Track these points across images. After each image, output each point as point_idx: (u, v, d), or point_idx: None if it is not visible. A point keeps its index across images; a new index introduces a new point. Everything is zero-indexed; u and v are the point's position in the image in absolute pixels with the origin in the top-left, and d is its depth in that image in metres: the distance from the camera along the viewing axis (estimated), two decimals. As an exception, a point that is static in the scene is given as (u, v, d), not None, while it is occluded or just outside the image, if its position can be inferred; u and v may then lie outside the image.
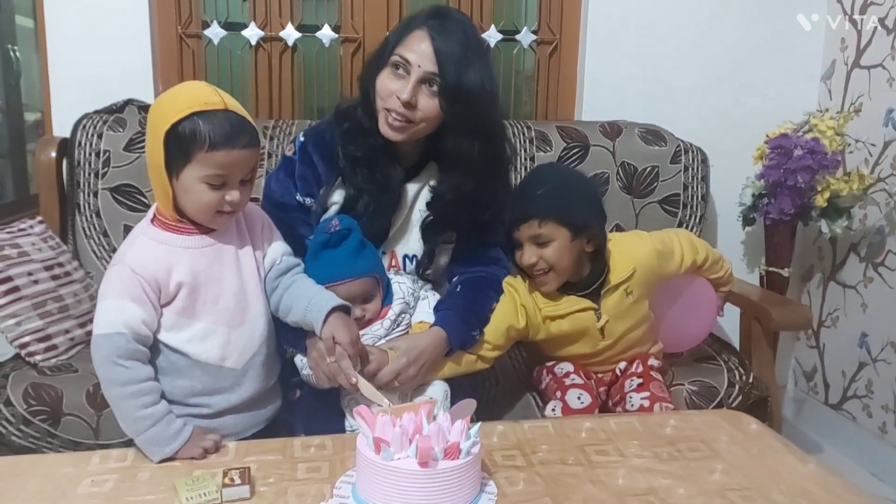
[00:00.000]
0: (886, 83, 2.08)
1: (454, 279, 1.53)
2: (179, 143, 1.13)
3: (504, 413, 1.57)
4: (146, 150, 1.20)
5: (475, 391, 1.52)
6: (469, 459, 0.99)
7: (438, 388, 1.40)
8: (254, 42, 2.21)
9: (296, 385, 1.42)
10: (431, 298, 1.47)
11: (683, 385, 1.62)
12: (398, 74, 1.36)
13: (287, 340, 1.36)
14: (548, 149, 2.04)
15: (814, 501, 1.05)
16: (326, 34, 2.24)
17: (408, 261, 1.52)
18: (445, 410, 1.07)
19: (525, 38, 2.33)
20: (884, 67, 2.09)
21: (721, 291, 1.69)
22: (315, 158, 1.46)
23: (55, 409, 1.48)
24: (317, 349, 1.29)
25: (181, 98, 1.16)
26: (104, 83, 2.03)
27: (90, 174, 1.90)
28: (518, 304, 1.49)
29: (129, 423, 1.15)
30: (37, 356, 1.59)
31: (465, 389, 1.43)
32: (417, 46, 1.34)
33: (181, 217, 1.21)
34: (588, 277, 1.52)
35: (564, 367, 1.55)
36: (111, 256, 1.26)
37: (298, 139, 1.50)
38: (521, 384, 1.66)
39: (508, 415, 1.57)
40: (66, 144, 1.92)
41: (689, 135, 2.12)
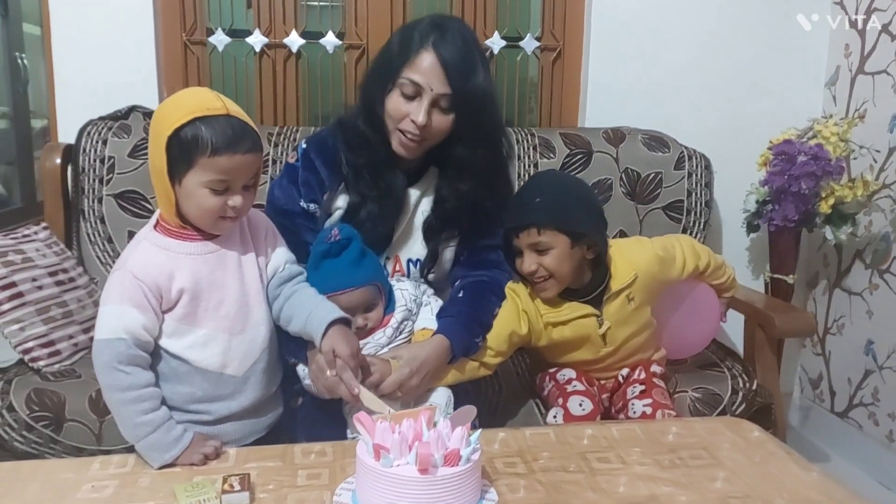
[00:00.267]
0: (891, 89, 2.08)
1: (456, 283, 1.53)
2: (182, 149, 1.14)
3: (507, 420, 1.57)
4: (149, 156, 1.20)
5: (478, 398, 1.52)
6: (469, 466, 0.98)
7: (441, 395, 1.39)
8: (258, 49, 2.22)
9: (298, 393, 1.42)
10: (434, 304, 1.47)
11: (687, 392, 1.62)
12: (409, 96, 1.36)
13: (289, 350, 1.35)
14: (551, 155, 2.04)
15: (816, 510, 1.04)
16: (330, 41, 2.25)
17: (411, 265, 1.52)
18: (448, 416, 1.06)
19: (528, 45, 2.33)
20: (888, 73, 2.09)
21: (724, 297, 1.68)
22: (318, 164, 1.47)
23: (58, 415, 1.48)
24: (316, 362, 1.28)
25: (183, 104, 1.16)
26: (110, 90, 2.05)
27: (95, 180, 1.91)
28: (520, 310, 1.49)
29: (130, 429, 1.16)
30: (40, 362, 1.59)
31: (469, 396, 1.42)
32: (426, 68, 1.34)
33: (184, 223, 1.21)
34: (590, 284, 1.51)
35: (567, 374, 1.55)
36: (115, 262, 1.26)
37: (301, 146, 1.50)
38: (525, 391, 1.66)
39: (511, 422, 1.57)
40: (71, 151, 1.93)
41: (693, 141, 2.12)
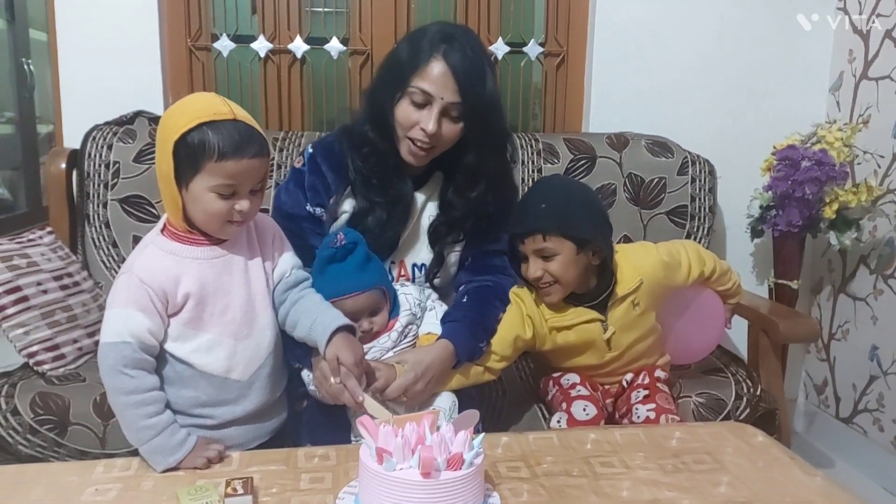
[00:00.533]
0: (895, 94, 2.07)
1: (461, 288, 1.53)
2: (189, 154, 1.14)
3: (511, 424, 1.57)
4: (156, 161, 1.20)
5: (483, 402, 1.52)
6: (472, 470, 0.98)
7: (446, 399, 1.39)
8: (263, 54, 2.23)
9: (302, 396, 1.42)
10: (439, 309, 1.47)
11: (691, 397, 1.61)
12: (419, 104, 1.37)
13: (294, 356, 1.36)
14: (555, 161, 2.04)
15: (820, 515, 1.04)
16: (335, 46, 2.26)
17: (417, 270, 1.52)
18: (452, 421, 1.06)
19: (532, 51, 2.34)
20: (892, 79, 2.09)
21: (729, 304, 1.68)
22: (324, 169, 1.48)
23: (62, 419, 1.48)
24: (320, 369, 1.28)
25: (190, 109, 1.16)
26: (115, 95, 2.06)
27: (100, 185, 1.92)
28: (524, 315, 1.49)
29: (134, 433, 1.16)
30: (45, 365, 1.60)
31: (473, 400, 1.42)
32: (436, 77, 1.35)
33: (191, 227, 1.22)
34: (595, 289, 1.51)
35: (571, 379, 1.55)
36: (120, 267, 1.27)
37: (307, 151, 1.51)
38: (529, 395, 1.66)
39: (515, 426, 1.57)
40: (77, 156, 1.94)
41: (697, 146, 2.12)
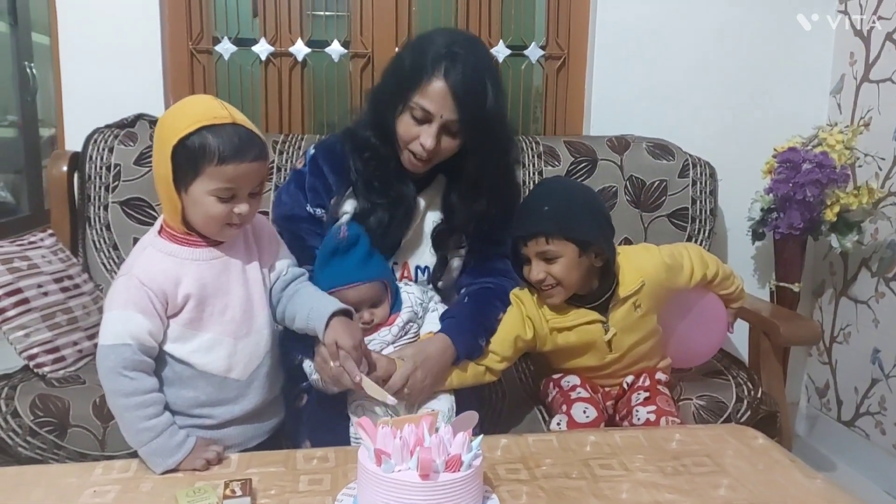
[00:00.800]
0: (896, 97, 2.08)
1: (462, 290, 1.54)
2: (188, 157, 1.14)
3: (510, 426, 1.57)
4: (153, 164, 1.21)
5: (482, 404, 1.52)
6: (470, 472, 0.98)
7: (444, 401, 1.39)
8: (264, 57, 2.24)
9: (302, 391, 1.43)
10: (440, 311, 1.48)
11: (691, 400, 1.61)
12: (419, 120, 1.38)
13: (297, 349, 1.37)
14: (556, 163, 2.04)
15: (821, 517, 1.04)
16: (336, 49, 2.26)
17: (419, 272, 1.53)
18: (450, 422, 1.06)
19: (533, 54, 2.34)
20: (893, 81, 2.08)
21: (732, 308, 1.67)
22: (326, 170, 1.48)
23: (62, 421, 1.48)
24: (320, 353, 1.30)
25: (189, 112, 1.17)
26: (116, 98, 2.06)
27: (101, 188, 1.92)
28: (524, 316, 1.49)
29: (133, 434, 1.16)
30: (45, 367, 1.60)
31: (473, 402, 1.42)
32: (436, 96, 1.35)
33: (189, 229, 1.22)
34: (597, 290, 1.51)
35: (571, 381, 1.55)
36: (120, 268, 1.27)
37: (309, 152, 1.52)
38: (529, 398, 1.66)
39: (515, 428, 1.56)
40: (78, 159, 1.94)
41: (697, 149, 2.11)
